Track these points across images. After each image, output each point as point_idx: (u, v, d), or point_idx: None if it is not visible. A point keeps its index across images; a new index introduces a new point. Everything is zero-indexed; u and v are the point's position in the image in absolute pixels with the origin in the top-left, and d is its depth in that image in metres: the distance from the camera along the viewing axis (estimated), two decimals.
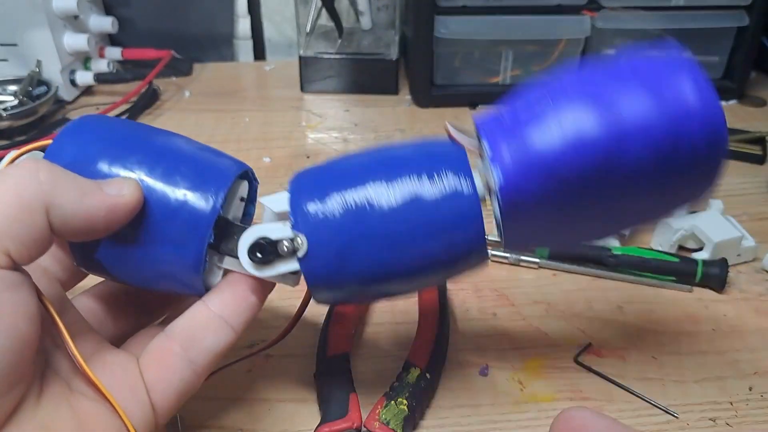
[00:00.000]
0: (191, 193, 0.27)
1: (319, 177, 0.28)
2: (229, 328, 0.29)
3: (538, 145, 0.25)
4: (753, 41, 0.67)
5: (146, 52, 0.73)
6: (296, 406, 0.36)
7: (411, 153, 0.28)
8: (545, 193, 0.25)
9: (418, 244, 0.27)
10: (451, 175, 0.27)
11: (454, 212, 0.27)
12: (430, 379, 0.36)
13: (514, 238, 0.28)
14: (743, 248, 0.46)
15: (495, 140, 0.26)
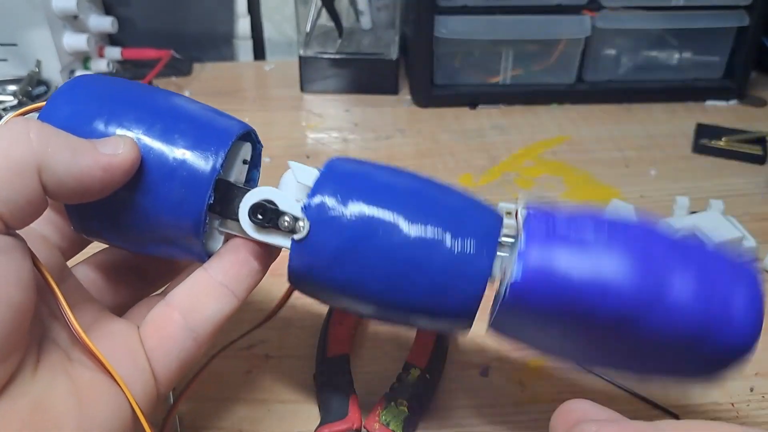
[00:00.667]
0: (190, 152, 0.26)
1: (354, 177, 0.27)
2: (231, 295, 0.28)
3: (568, 267, 0.24)
4: (753, 41, 0.67)
5: (146, 52, 0.73)
6: (296, 407, 0.36)
7: (450, 203, 0.27)
8: (550, 311, 0.25)
9: (409, 287, 0.26)
10: (475, 244, 0.26)
11: (459, 277, 0.26)
12: (430, 380, 0.36)
13: (500, 327, 0.28)
14: (744, 249, 0.46)
15: (533, 239, 0.25)
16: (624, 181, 0.57)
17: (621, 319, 0.24)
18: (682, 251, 0.25)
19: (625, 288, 0.24)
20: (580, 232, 0.25)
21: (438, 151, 0.62)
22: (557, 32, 0.66)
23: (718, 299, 0.24)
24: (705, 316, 0.24)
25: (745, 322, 0.24)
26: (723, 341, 0.24)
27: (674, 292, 0.24)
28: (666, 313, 0.24)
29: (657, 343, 0.25)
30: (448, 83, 0.70)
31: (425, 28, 0.65)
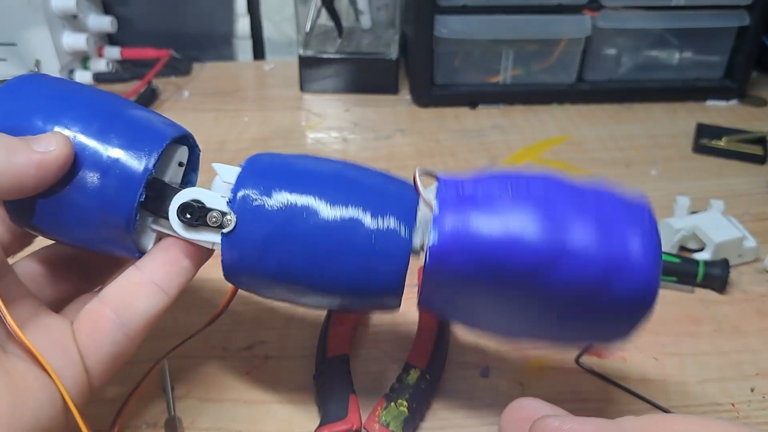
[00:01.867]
0: (125, 151, 0.27)
1: (274, 168, 0.29)
2: (161, 292, 0.29)
3: (478, 227, 0.26)
4: (754, 41, 0.67)
5: (145, 51, 0.73)
6: (295, 407, 0.36)
7: (368, 183, 0.28)
8: (469, 272, 0.26)
9: (339, 265, 0.27)
10: (393, 219, 0.27)
11: (383, 250, 0.27)
12: (430, 380, 0.35)
13: (427, 300, 0.29)
14: (744, 249, 0.46)
15: (446, 204, 0.27)
16: (624, 181, 0.57)
17: (531, 272, 0.26)
18: (581, 202, 0.26)
19: (530, 241, 0.26)
20: (488, 192, 0.27)
21: (438, 151, 0.62)
22: (558, 32, 0.66)
23: (617, 245, 0.25)
24: (606, 263, 0.25)
25: (643, 264, 0.25)
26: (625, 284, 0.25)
27: (576, 242, 0.25)
28: (570, 262, 0.25)
29: (567, 295, 0.26)
30: (448, 83, 0.70)
31: (425, 28, 0.65)
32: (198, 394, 0.36)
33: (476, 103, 0.70)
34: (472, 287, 0.27)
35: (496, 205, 0.26)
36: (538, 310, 0.27)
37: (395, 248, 0.27)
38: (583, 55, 0.68)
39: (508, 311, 0.28)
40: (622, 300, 0.26)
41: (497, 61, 0.68)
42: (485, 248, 0.26)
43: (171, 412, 0.35)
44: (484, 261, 0.26)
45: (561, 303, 0.26)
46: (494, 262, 0.26)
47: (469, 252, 0.26)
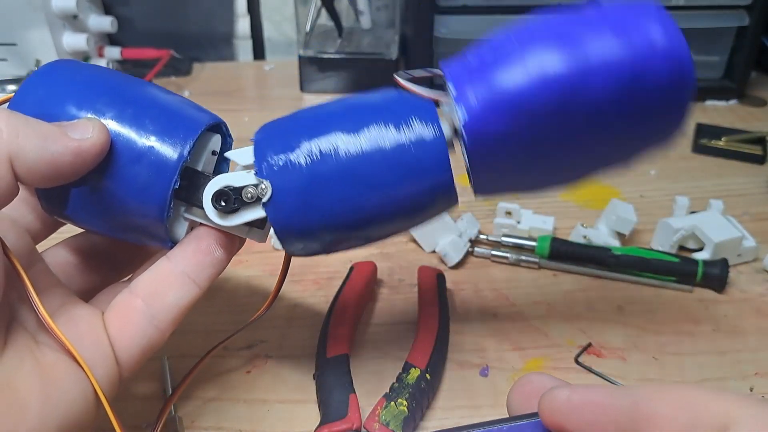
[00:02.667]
0: (159, 138, 0.27)
1: (284, 127, 0.28)
2: (193, 283, 0.28)
3: (502, 83, 0.25)
4: (753, 41, 0.67)
5: (145, 51, 0.73)
6: (295, 406, 0.36)
7: (378, 102, 0.28)
8: (510, 130, 0.26)
9: (384, 186, 0.27)
10: (418, 120, 0.27)
11: (421, 154, 0.27)
12: (430, 379, 0.36)
13: (482, 182, 0.28)
14: (744, 248, 0.46)
15: (460, 81, 0.26)
16: (624, 180, 0.57)
17: (566, 100, 0.25)
18: (585, 17, 0.26)
19: (554, 71, 0.25)
20: (493, 50, 0.26)
21: None
22: None
23: (637, 37, 0.25)
24: (633, 57, 0.25)
25: (670, 44, 0.25)
26: (660, 71, 0.25)
27: (597, 52, 0.25)
28: (600, 74, 0.25)
29: (608, 109, 0.25)
30: None
31: (425, 28, 0.65)
32: (198, 394, 0.37)
33: None
34: (518, 146, 0.26)
35: (507, 56, 0.26)
36: (589, 135, 0.26)
37: (429, 145, 0.27)
38: None
39: (561, 155, 0.27)
40: (664, 86, 0.25)
41: None
42: (516, 98, 0.25)
43: (171, 411, 0.35)
44: (518, 112, 0.25)
45: (606, 119, 0.25)
46: (528, 107, 0.25)
47: (501, 111, 0.25)
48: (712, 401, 0.19)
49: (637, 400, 0.20)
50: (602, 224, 0.48)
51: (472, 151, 0.26)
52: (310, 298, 0.43)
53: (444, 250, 0.46)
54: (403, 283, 0.45)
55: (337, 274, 0.44)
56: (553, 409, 0.21)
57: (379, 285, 0.45)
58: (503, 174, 0.28)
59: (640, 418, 0.20)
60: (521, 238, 0.47)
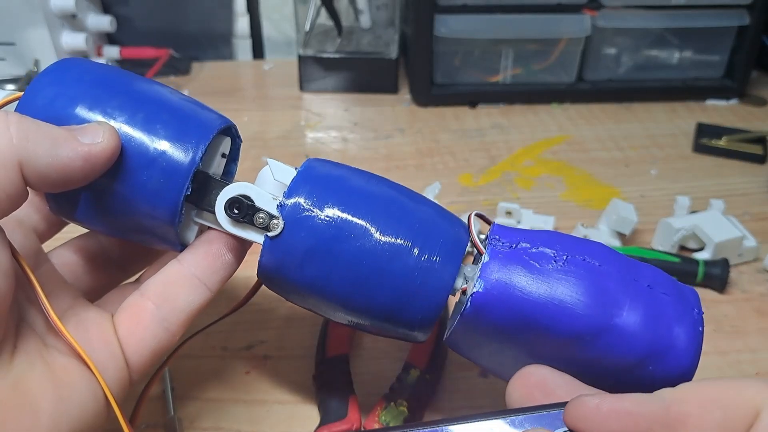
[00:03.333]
0: (171, 143, 0.26)
1: (330, 180, 0.28)
2: (203, 286, 0.28)
3: (527, 287, 0.26)
4: (754, 40, 0.67)
5: (144, 51, 0.73)
6: (295, 407, 0.36)
7: (421, 214, 0.28)
8: (507, 325, 0.26)
9: (377, 292, 0.27)
10: (441, 258, 0.27)
11: (423, 286, 0.27)
12: (430, 380, 0.35)
13: (457, 340, 0.29)
14: (744, 248, 0.46)
15: (496, 257, 0.27)
16: (624, 180, 0.57)
17: (571, 339, 0.25)
18: (635, 282, 0.26)
19: (577, 310, 0.25)
20: (542, 251, 0.27)
21: (438, 151, 0.61)
22: (557, 31, 0.66)
23: (662, 333, 0.25)
24: (649, 348, 0.25)
25: (684, 357, 0.26)
26: (664, 370, 0.26)
27: (622, 321, 0.25)
28: (613, 339, 0.25)
29: (602, 365, 0.26)
30: (447, 82, 0.70)
31: (425, 27, 0.65)
32: (198, 394, 0.36)
33: (476, 102, 0.70)
34: (504, 339, 0.27)
35: (549, 266, 0.26)
36: (569, 368, 0.27)
37: (436, 286, 0.27)
38: (583, 54, 0.68)
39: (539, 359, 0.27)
40: (659, 379, 0.26)
41: (497, 61, 0.68)
42: (530, 307, 0.25)
43: (171, 412, 0.35)
44: (526, 319, 0.26)
45: (594, 368, 0.26)
46: (537, 323, 0.25)
47: (511, 307, 0.26)
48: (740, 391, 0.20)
49: (668, 405, 0.20)
50: (603, 224, 0.48)
51: (465, 318, 0.27)
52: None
53: None
54: None
55: None
56: (580, 417, 0.21)
57: None
58: (477, 347, 0.29)
59: (673, 422, 0.20)
60: None
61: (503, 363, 0.28)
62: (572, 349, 0.26)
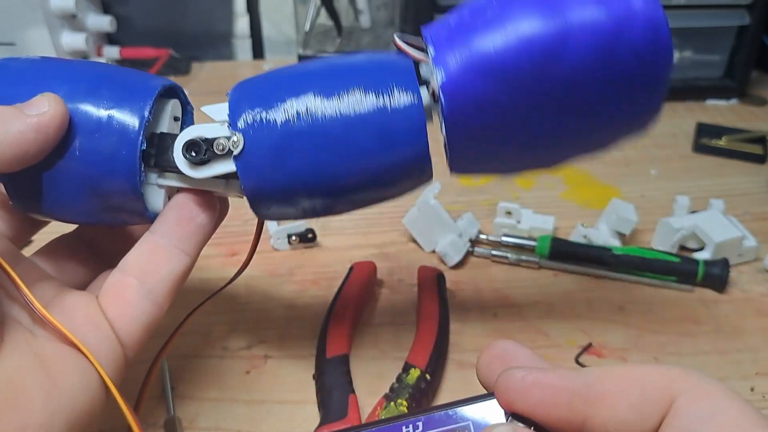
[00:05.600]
0: (117, 105, 0.27)
1: (260, 84, 0.28)
2: (182, 253, 0.28)
3: (481, 45, 0.25)
4: (754, 40, 0.67)
5: (144, 51, 0.73)
6: (295, 407, 0.36)
7: (357, 64, 0.28)
8: (488, 93, 0.25)
9: (358, 151, 0.27)
10: (397, 86, 0.27)
11: (397, 121, 0.27)
12: (430, 380, 0.35)
13: (458, 153, 0.28)
14: (744, 248, 0.46)
15: (440, 43, 0.26)
16: (624, 180, 0.57)
17: (544, 62, 0.25)
18: None
19: (532, 32, 0.25)
20: (473, 13, 0.26)
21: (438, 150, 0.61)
22: None
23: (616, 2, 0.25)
24: (613, 23, 0.25)
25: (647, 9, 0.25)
26: (638, 36, 0.25)
27: (576, 15, 0.25)
28: (579, 36, 0.25)
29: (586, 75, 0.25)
30: None
31: None
32: (198, 394, 0.36)
33: None
34: (495, 112, 0.26)
35: (486, 19, 0.26)
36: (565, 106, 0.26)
37: (405, 108, 0.27)
38: None
39: (538, 126, 0.27)
40: (641, 49, 0.25)
41: None
42: (493, 61, 0.25)
43: (171, 411, 0.35)
44: (496, 75, 0.25)
45: (584, 88, 0.26)
46: (507, 71, 0.25)
47: (479, 73, 0.25)
48: (660, 376, 0.20)
49: (589, 382, 0.21)
50: (603, 224, 0.48)
51: (449, 114, 0.26)
52: (310, 298, 0.43)
53: (444, 250, 0.46)
54: (403, 283, 0.45)
55: (337, 274, 0.44)
56: (507, 389, 0.22)
57: (379, 285, 0.45)
58: (479, 145, 0.28)
59: (592, 398, 0.21)
60: (521, 238, 0.47)
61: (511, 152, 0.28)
62: (553, 78, 0.25)
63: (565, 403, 0.21)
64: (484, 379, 0.24)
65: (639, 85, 0.26)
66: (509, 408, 0.22)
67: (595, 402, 0.20)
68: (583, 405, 0.21)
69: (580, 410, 0.21)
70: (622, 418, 0.20)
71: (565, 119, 0.27)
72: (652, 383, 0.20)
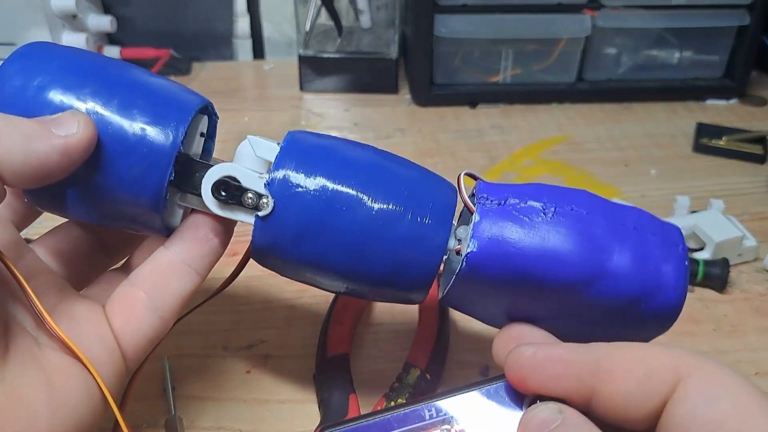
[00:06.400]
0: (150, 127, 0.25)
1: (316, 151, 0.27)
2: (193, 272, 0.28)
3: (519, 242, 0.26)
4: (754, 40, 0.67)
5: (145, 51, 0.73)
6: (296, 406, 0.36)
7: (410, 179, 0.28)
8: (504, 281, 0.26)
9: (372, 261, 0.27)
10: (432, 221, 0.27)
11: (417, 252, 0.27)
12: (430, 379, 0.36)
13: (453, 298, 0.29)
14: (744, 248, 0.46)
15: (486, 215, 0.27)
16: (624, 180, 0.57)
17: (567, 288, 0.26)
18: (622, 225, 0.27)
19: (571, 259, 0.26)
20: (531, 205, 0.27)
21: (438, 151, 0.62)
22: (557, 31, 0.66)
23: (652, 271, 0.26)
24: (641, 287, 0.26)
25: (674, 291, 0.27)
26: (656, 306, 0.27)
27: (614, 265, 0.26)
28: (608, 283, 0.26)
29: (598, 310, 0.27)
30: (447, 82, 0.70)
31: (425, 27, 0.65)
32: (198, 394, 0.36)
33: (476, 102, 0.70)
34: (502, 294, 0.27)
35: (538, 219, 0.26)
36: (567, 316, 0.27)
37: (430, 249, 0.27)
38: (583, 54, 0.68)
39: (536, 315, 0.28)
40: (651, 316, 0.27)
41: (497, 61, 0.68)
42: (524, 261, 0.26)
43: (171, 411, 0.35)
44: (521, 273, 0.26)
45: (591, 314, 0.27)
46: (532, 276, 0.26)
47: (506, 263, 0.26)
48: (666, 356, 0.21)
49: (599, 356, 0.21)
50: None
51: (461, 277, 0.27)
52: (310, 298, 0.43)
53: None
54: None
55: None
56: (517, 365, 0.22)
57: None
58: (475, 304, 0.29)
59: (600, 372, 0.21)
60: None
61: (498, 315, 0.29)
62: (567, 298, 0.26)
63: (575, 376, 0.21)
64: (500, 360, 0.24)
65: (640, 328, 0.28)
66: (521, 384, 0.22)
67: (603, 376, 0.21)
68: (592, 378, 0.21)
69: (589, 383, 0.21)
70: (629, 393, 0.20)
71: (561, 322, 0.28)
72: (659, 362, 0.21)
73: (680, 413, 0.20)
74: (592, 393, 0.21)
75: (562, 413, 0.21)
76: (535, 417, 0.21)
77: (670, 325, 0.28)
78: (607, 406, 0.21)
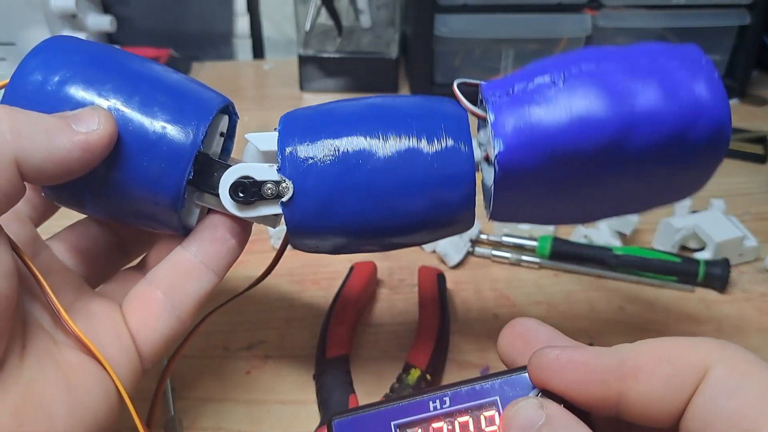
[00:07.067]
0: (170, 125, 0.25)
1: (311, 121, 0.27)
2: (211, 273, 0.28)
3: (543, 121, 0.25)
4: (755, 40, 0.67)
5: (145, 51, 0.73)
6: (295, 407, 0.36)
7: (411, 108, 0.27)
8: (544, 168, 0.25)
9: (406, 201, 0.26)
10: (450, 138, 0.26)
11: (448, 174, 0.26)
12: (430, 380, 0.35)
13: (502, 210, 0.28)
14: (745, 248, 0.46)
15: (500, 110, 0.26)
16: None
17: (606, 148, 0.25)
18: (636, 65, 0.25)
19: (598, 117, 0.25)
20: (538, 83, 0.26)
21: None
22: (558, 31, 0.66)
23: (685, 96, 0.25)
24: (680, 117, 0.25)
25: (715, 105, 0.25)
26: (703, 130, 0.25)
27: (644, 106, 0.25)
28: (644, 128, 0.25)
29: (646, 160, 0.25)
30: (448, 82, 0.69)
31: (425, 27, 0.65)
32: (198, 394, 0.36)
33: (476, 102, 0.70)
34: (547, 183, 0.26)
35: (552, 93, 0.25)
36: (618, 183, 0.26)
37: (460, 167, 0.26)
38: None
39: (586, 197, 0.27)
40: (704, 143, 0.25)
41: (497, 60, 0.68)
42: (554, 138, 0.25)
43: (171, 411, 0.35)
44: (556, 152, 0.25)
45: (640, 170, 0.26)
46: (567, 150, 0.25)
47: (538, 148, 0.25)
48: (691, 349, 0.20)
49: (623, 358, 0.21)
50: (603, 224, 0.48)
51: (500, 182, 0.26)
52: (310, 298, 0.43)
53: (444, 250, 0.46)
54: (403, 283, 0.45)
55: (337, 274, 0.44)
56: (541, 367, 0.22)
57: (379, 285, 0.44)
58: (524, 205, 0.28)
59: (626, 373, 0.21)
60: (522, 238, 0.47)
61: (556, 211, 0.28)
62: (613, 164, 0.25)
63: (600, 380, 0.21)
64: (506, 357, 0.24)
65: (694, 168, 0.27)
66: (543, 385, 0.22)
67: (629, 377, 0.21)
68: (617, 381, 0.21)
69: (615, 387, 0.21)
70: (657, 392, 0.20)
71: (616, 193, 0.27)
72: (685, 357, 0.20)
73: (701, 405, 0.19)
74: (619, 395, 0.21)
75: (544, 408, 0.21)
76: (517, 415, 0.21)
77: (726, 146, 0.26)
78: (636, 407, 0.21)
